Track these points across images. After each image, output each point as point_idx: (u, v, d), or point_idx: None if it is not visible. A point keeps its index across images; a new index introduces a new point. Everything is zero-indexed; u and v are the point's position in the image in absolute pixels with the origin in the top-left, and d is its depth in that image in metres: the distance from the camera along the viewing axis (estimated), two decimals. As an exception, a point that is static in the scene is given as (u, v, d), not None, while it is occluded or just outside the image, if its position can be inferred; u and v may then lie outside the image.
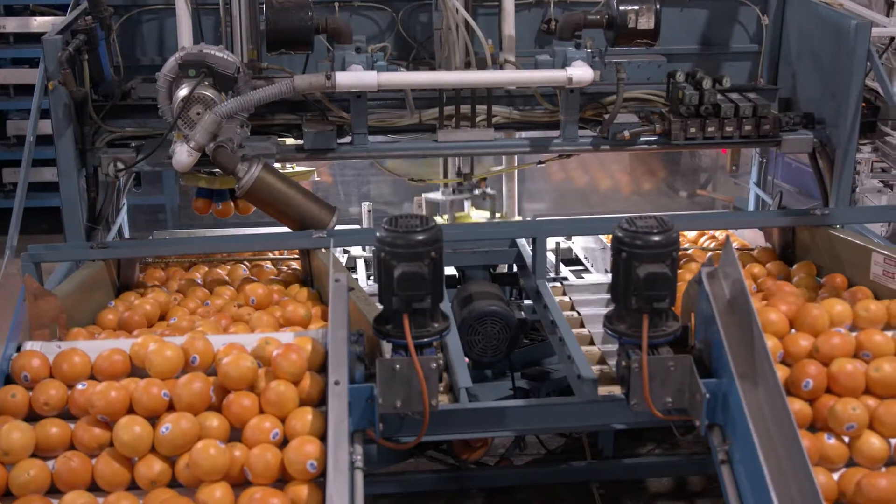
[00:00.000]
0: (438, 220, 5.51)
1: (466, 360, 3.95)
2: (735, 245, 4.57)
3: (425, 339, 3.18)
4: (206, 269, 4.70)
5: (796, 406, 3.37)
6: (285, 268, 4.74)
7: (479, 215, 5.62)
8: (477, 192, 5.52)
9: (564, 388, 4.33)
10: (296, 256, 4.87)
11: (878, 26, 5.34)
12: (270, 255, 5.00)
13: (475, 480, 4.85)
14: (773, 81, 5.36)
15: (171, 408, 3.20)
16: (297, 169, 5.32)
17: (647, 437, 5.27)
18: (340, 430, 2.92)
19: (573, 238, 5.69)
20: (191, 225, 6.54)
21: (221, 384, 3.25)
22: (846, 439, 3.37)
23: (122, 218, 5.35)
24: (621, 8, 4.59)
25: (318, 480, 3.03)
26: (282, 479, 3.09)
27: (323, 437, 3.06)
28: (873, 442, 3.34)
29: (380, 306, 3.25)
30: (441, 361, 3.17)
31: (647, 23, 4.61)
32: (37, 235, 6.53)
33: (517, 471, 4.96)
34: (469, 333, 4.25)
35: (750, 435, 2.99)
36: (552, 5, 5.20)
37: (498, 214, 5.63)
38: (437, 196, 5.58)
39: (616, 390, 3.53)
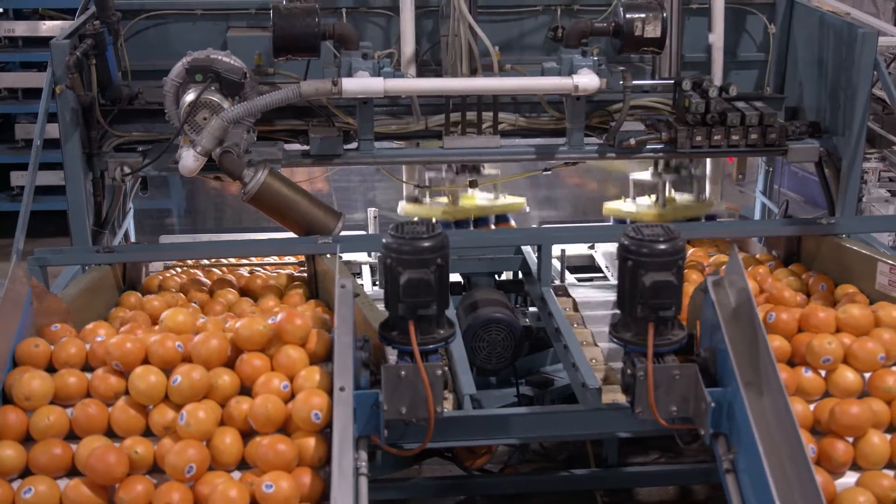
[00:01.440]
0: (645, 200, 5.52)
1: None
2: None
3: (431, 346, 3.18)
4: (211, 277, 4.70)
5: (776, 343, 3.50)
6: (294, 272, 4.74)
7: (681, 198, 5.60)
8: (683, 172, 5.50)
9: (569, 395, 4.33)
10: (295, 261, 4.87)
11: (885, 35, 5.34)
12: (273, 260, 5.01)
13: (479, 488, 4.85)
14: (780, 90, 5.36)
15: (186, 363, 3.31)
16: (508, 199, 5.42)
17: (651, 445, 5.26)
18: (345, 436, 2.92)
19: (595, 246, 5.68)
20: (196, 230, 6.54)
21: (234, 344, 3.35)
22: (822, 373, 3.48)
23: (129, 222, 5.37)
24: (628, 16, 4.60)
25: (325, 432, 3.11)
26: (283, 431, 3.19)
27: (329, 392, 3.13)
28: (847, 375, 3.46)
29: (385, 312, 3.25)
30: (446, 368, 3.17)
31: (653, 31, 4.63)
32: (43, 239, 6.52)
33: (521, 478, 4.96)
34: (474, 340, 4.25)
35: (755, 444, 2.98)
36: (559, 13, 5.21)
37: (702, 197, 5.59)
38: (645, 176, 5.57)
39: (621, 398, 3.52)
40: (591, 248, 5.68)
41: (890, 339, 3.51)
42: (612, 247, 5.60)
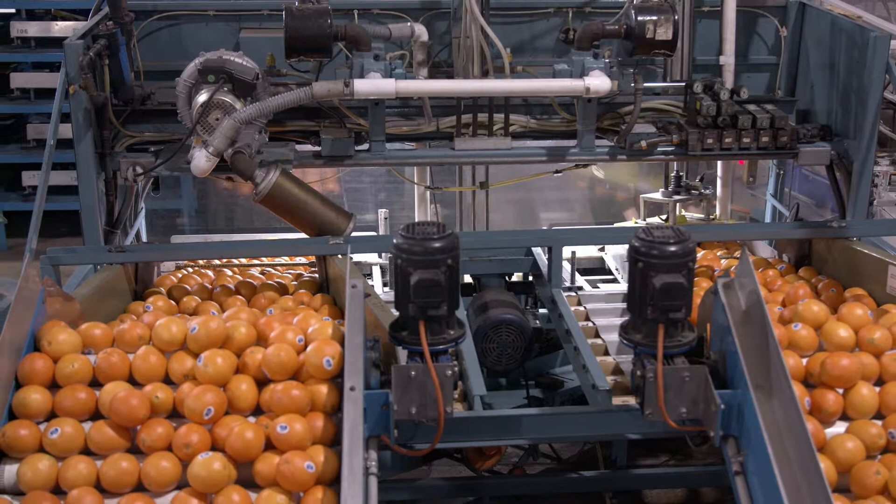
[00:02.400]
0: (655, 220, 5.58)
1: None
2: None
3: (441, 347, 3.18)
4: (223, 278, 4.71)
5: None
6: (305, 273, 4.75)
7: (692, 217, 5.65)
8: (694, 192, 5.53)
9: (579, 397, 4.33)
10: (306, 262, 4.88)
11: (897, 39, 5.32)
12: (284, 261, 5.02)
13: (488, 488, 4.84)
14: (791, 93, 5.36)
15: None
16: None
17: (660, 447, 5.26)
18: (355, 436, 2.92)
19: (606, 248, 5.68)
20: (208, 230, 6.57)
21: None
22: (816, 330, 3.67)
23: (140, 222, 5.38)
24: (640, 18, 4.60)
25: (336, 381, 3.27)
26: (296, 380, 3.33)
27: (342, 343, 3.28)
28: (840, 332, 3.62)
29: (396, 313, 3.26)
30: (456, 369, 3.18)
31: (665, 33, 4.62)
32: (56, 238, 6.58)
33: (530, 480, 4.96)
34: (484, 341, 4.25)
35: (764, 446, 2.98)
36: (571, 15, 5.21)
37: (712, 217, 5.62)
38: (657, 197, 5.62)
39: (630, 400, 3.52)
40: (602, 250, 5.68)
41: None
42: (622, 249, 5.60)
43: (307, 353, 3.31)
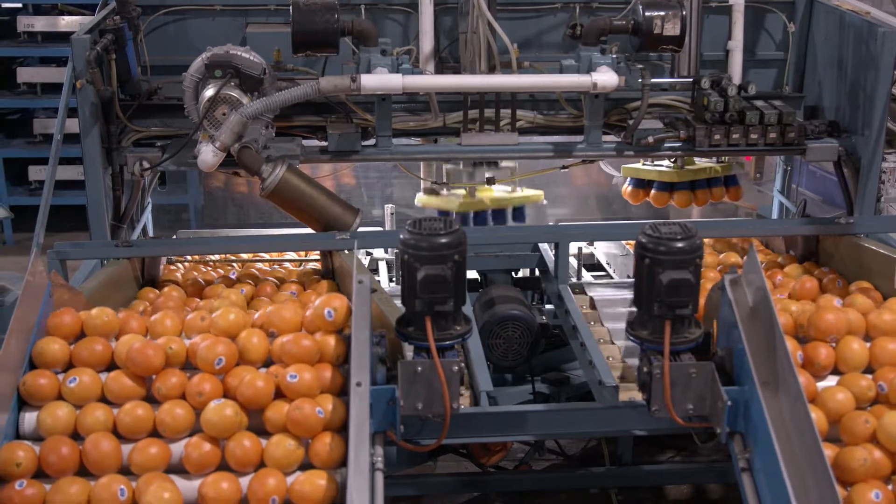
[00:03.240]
0: (665, 161, 5.58)
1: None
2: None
3: (447, 342, 3.18)
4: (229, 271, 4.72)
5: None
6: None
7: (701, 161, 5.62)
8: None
9: (585, 393, 4.32)
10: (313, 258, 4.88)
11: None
12: (291, 256, 5.02)
13: (494, 485, 4.85)
14: (799, 89, 5.35)
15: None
16: (526, 192, 5.40)
17: (666, 443, 5.26)
18: (362, 432, 2.93)
19: (595, 244, 5.68)
20: (214, 225, 6.57)
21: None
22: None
23: (147, 217, 5.38)
24: (647, 14, 4.59)
25: (344, 335, 3.41)
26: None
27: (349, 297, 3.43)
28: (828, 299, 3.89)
29: (402, 308, 3.26)
30: (462, 364, 3.18)
31: (672, 29, 4.61)
32: (62, 233, 6.60)
33: (536, 476, 4.97)
34: (490, 337, 4.25)
35: (771, 443, 2.98)
36: (578, 10, 5.20)
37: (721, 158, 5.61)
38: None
39: (637, 396, 3.52)
40: (591, 244, 5.68)
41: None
42: (612, 246, 5.61)
43: (313, 307, 3.45)
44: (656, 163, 5.57)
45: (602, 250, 5.71)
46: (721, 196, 5.61)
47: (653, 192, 5.64)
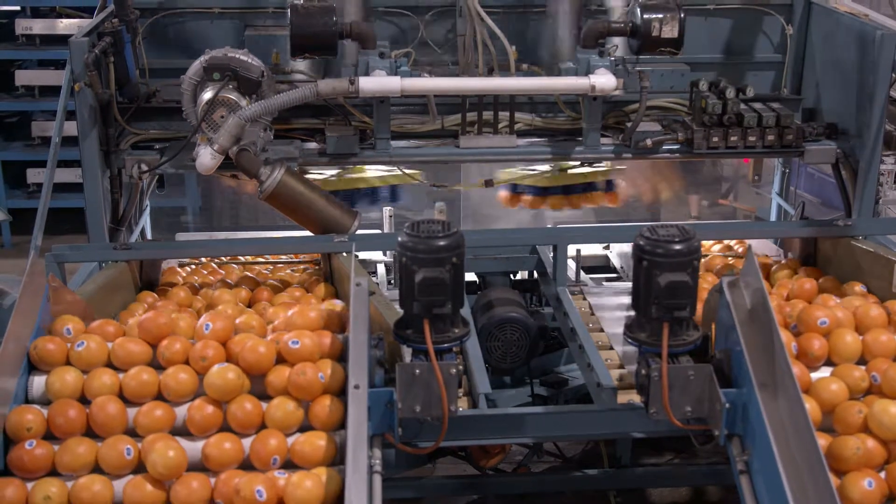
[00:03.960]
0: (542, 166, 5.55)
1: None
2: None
3: (445, 345, 3.18)
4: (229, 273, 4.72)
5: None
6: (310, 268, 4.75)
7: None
8: None
9: (583, 395, 4.32)
10: (311, 260, 4.88)
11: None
12: (287, 259, 5.01)
13: (492, 487, 4.85)
14: (797, 91, 5.35)
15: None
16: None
17: (665, 445, 5.26)
18: (360, 434, 2.93)
19: (611, 246, 5.67)
20: (212, 228, 6.56)
21: None
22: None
23: (145, 219, 5.38)
24: (645, 16, 4.59)
25: (343, 337, 3.47)
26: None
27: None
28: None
29: (400, 311, 3.26)
30: (461, 367, 3.17)
31: (670, 31, 4.61)
32: (60, 236, 6.58)
33: (534, 478, 4.96)
34: (489, 339, 4.25)
35: (769, 445, 2.98)
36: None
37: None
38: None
39: (635, 398, 3.52)
40: (606, 248, 5.67)
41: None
42: (627, 247, 5.59)
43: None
44: (531, 168, 5.53)
45: (616, 251, 5.70)
46: (599, 200, 5.64)
47: (525, 196, 5.64)
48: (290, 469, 3.15)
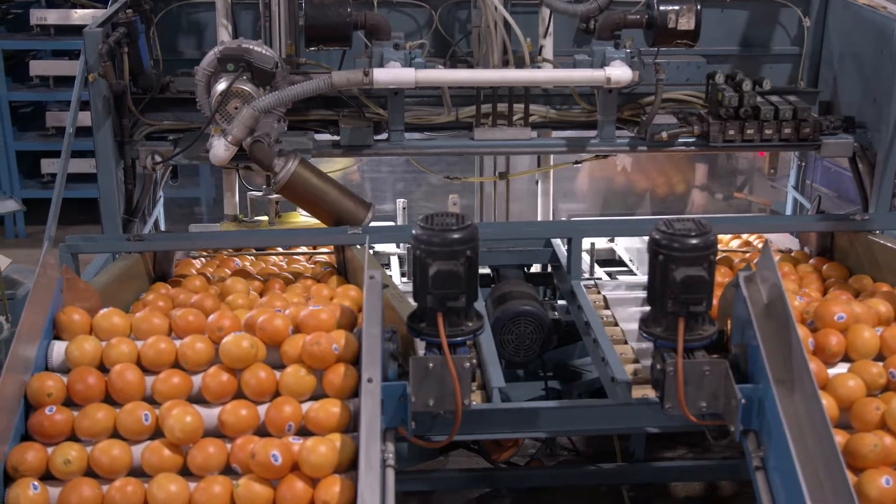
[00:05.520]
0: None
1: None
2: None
3: (459, 338, 3.16)
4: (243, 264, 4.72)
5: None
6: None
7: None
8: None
9: (597, 389, 4.31)
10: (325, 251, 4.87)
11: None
12: (302, 250, 5.00)
13: (505, 481, 4.84)
14: (814, 84, 5.31)
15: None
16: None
17: (678, 440, 5.24)
18: (373, 428, 2.92)
19: (616, 239, 5.65)
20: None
21: None
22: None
23: (159, 210, 5.38)
24: (661, 8, 4.56)
25: (356, 332, 3.49)
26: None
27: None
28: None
29: (414, 304, 3.24)
30: (474, 361, 3.16)
31: (687, 23, 4.58)
32: (74, 226, 6.60)
33: (547, 472, 4.96)
34: (502, 333, 4.23)
35: (785, 441, 2.95)
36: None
37: None
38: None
39: (650, 393, 3.50)
40: (611, 240, 5.64)
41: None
42: (636, 240, 5.57)
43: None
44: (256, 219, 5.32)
45: (623, 245, 5.67)
46: None
47: None
48: (305, 436, 3.17)
